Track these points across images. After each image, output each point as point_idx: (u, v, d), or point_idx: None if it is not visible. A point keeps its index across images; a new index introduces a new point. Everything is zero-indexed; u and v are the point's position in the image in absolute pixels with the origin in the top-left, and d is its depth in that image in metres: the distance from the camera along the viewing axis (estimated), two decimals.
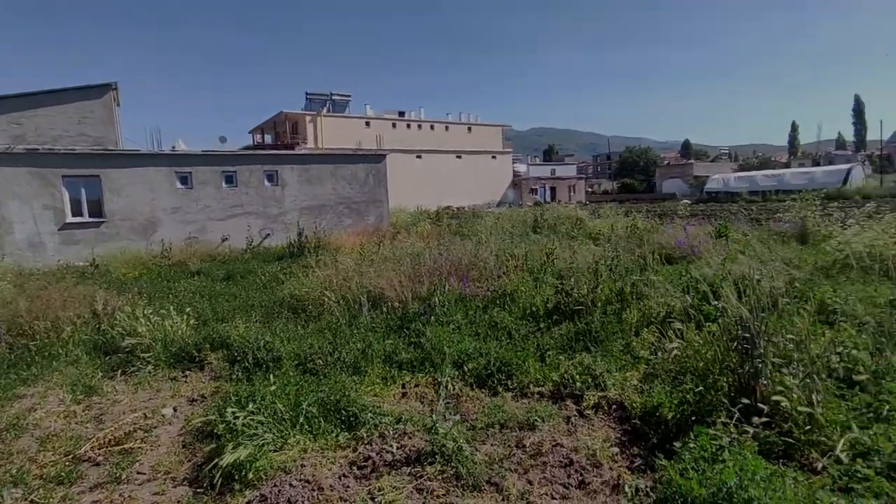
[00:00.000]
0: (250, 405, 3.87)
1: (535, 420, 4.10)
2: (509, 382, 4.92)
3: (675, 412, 3.81)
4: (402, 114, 54.53)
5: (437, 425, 3.64)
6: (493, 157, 59.46)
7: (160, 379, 5.64)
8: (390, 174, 23.39)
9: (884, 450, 2.99)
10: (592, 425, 4.14)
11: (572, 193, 61.97)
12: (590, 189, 72.96)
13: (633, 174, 73.04)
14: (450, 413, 3.84)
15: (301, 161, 20.81)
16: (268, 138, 53.28)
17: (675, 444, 3.35)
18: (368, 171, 22.03)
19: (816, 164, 67.24)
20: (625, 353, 5.29)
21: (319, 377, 4.92)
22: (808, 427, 3.37)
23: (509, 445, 3.83)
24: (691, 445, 3.16)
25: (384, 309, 6.91)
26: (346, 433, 4.03)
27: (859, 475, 2.87)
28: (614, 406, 4.39)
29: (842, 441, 3.14)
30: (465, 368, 5.15)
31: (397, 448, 3.81)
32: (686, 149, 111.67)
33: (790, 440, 3.32)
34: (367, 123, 50.62)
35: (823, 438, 3.28)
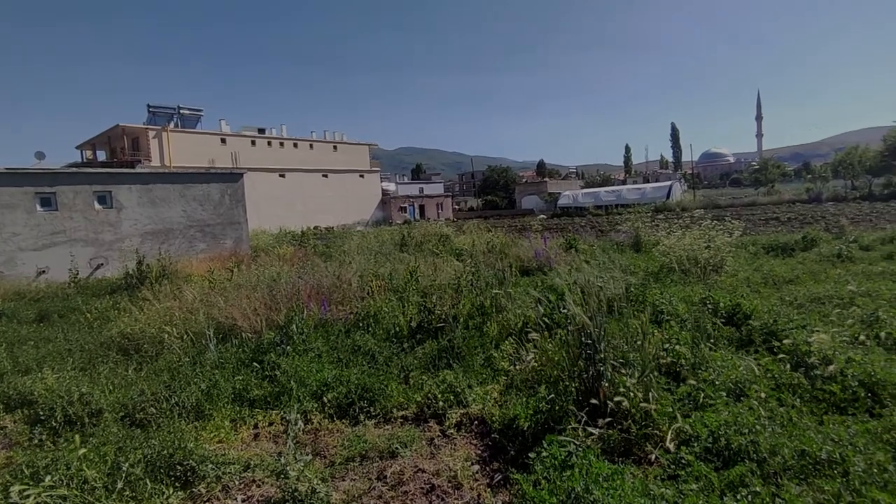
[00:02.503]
0: (49, 478, 3.16)
1: (397, 447, 3.94)
2: (371, 409, 4.72)
3: (531, 422, 3.92)
4: (262, 131, 51.75)
5: (288, 468, 3.31)
6: (361, 175, 59.06)
7: None
8: (251, 194, 21.93)
9: (701, 435, 3.35)
10: (454, 445, 4.10)
11: (440, 211, 63.87)
12: (457, 206, 75.90)
13: (495, 192, 77.53)
14: (302, 452, 3.52)
15: (142, 180, 18.51)
16: (101, 155, 46.86)
17: (530, 455, 3.43)
18: (224, 190, 20.37)
19: (646, 181, 77.92)
20: (486, 367, 5.40)
21: (150, 429, 4.24)
22: (644, 422, 3.68)
23: (370, 478, 3.62)
24: (543, 455, 3.25)
25: (235, 341, 6.28)
26: (181, 492, 3.49)
27: (683, 461, 3.18)
28: (476, 422, 4.41)
29: (669, 432, 3.47)
30: (325, 399, 4.84)
31: (242, 501, 3.39)
32: (541, 168, 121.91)
33: (630, 436, 3.60)
34: (223, 140, 47.10)
35: (656, 431, 3.59)
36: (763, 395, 3.86)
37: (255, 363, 5.60)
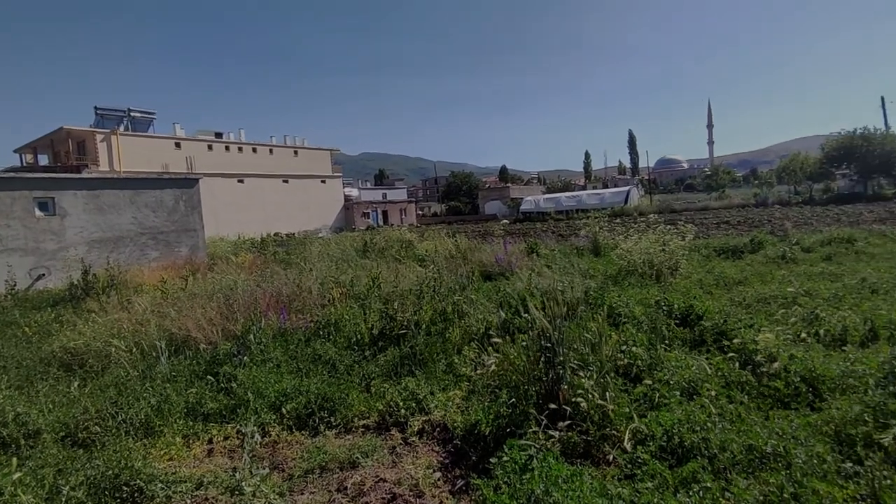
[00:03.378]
0: None
1: (358, 457, 3.88)
2: (332, 419, 4.63)
3: (492, 426, 3.93)
4: (219, 135, 50.27)
5: (243, 483, 3.20)
6: (323, 181, 58.25)
7: None
8: (208, 200, 21.26)
9: (656, 434, 3.44)
10: (416, 452, 4.06)
11: (404, 216, 63.69)
12: (420, 212, 75.89)
13: (458, 197, 77.97)
14: (259, 466, 3.41)
15: (89, 186, 17.64)
16: (43, 159, 44.44)
17: (491, 460, 3.43)
18: (178, 196, 19.66)
19: (606, 186, 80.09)
20: (448, 373, 5.39)
21: (94, 449, 4.02)
22: (602, 423, 3.75)
23: (329, 490, 3.54)
24: (504, 459, 3.26)
25: (189, 353, 6.05)
26: None
27: (640, 461, 3.25)
28: (438, 428, 4.39)
29: (626, 432, 3.55)
30: (284, 410, 4.71)
31: None
32: (504, 173, 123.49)
33: (589, 438, 3.65)
34: (178, 145, 45.49)
35: (614, 432, 3.67)
36: (714, 393, 4.00)
37: (210, 375, 5.40)
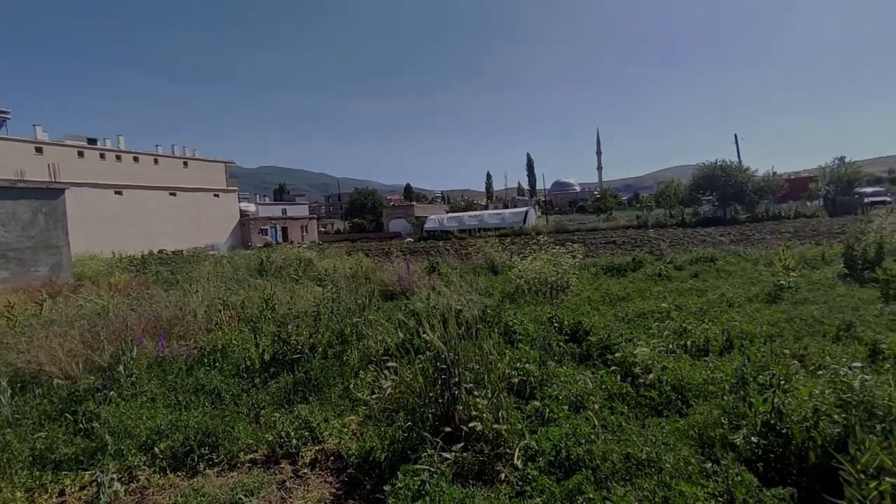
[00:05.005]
0: None
1: (241, 497, 3.58)
2: (214, 456, 4.25)
3: (388, 452, 3.84)
4: (92, 141, 45.36)
5: None
6: (217, 195, 54.73)
7: None
8: (77, 214, 18.96)
9: (545, 450, 3.56)
10: (308, 485, 3.85)
11: (305, 233, 61.59)
12: (323, 229, 73.88)
13: (363, 214, 77.04)
14: None
15: None
16: None
17: (385, 487, 3.34)
18: (37, 209, 17.30)
19: (506, 206, 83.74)
20: (344, 398, 5.20)
21: None
22: (496, 442, 3.80)
23: None
24: (398, 486, 3.19)
25: (40, 391, 5.25)
26: None
27: (530, 477, 3.33)
28: (332, 458, 4.20)
29: (517, 449, 3.63)
30: (157, 450, 4.24)
31: None
32: (408, 192, 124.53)
33: (483, 458, 3.69)
34: (39, 149, 40.21)
35: (507, 450, 3.74)
36: (598, 405, 4.25)
37: (66, 415, 4.73)
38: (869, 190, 47.41)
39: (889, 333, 5.70)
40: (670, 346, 5.89)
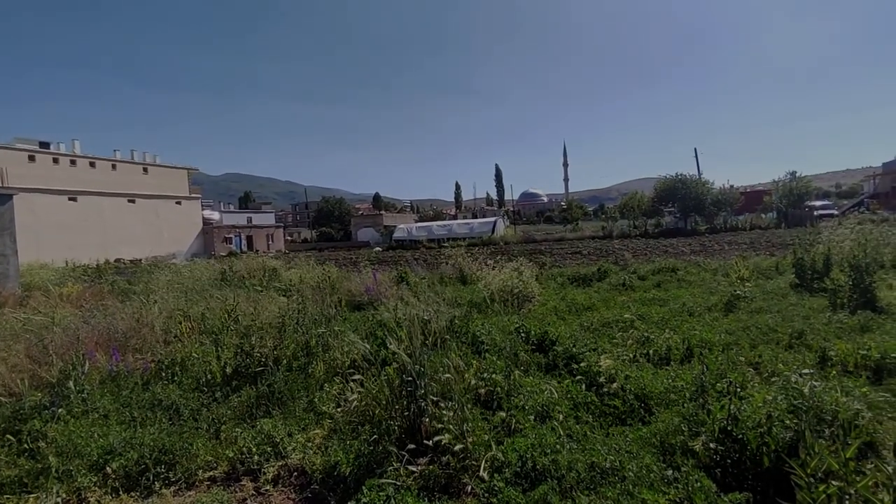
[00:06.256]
0: None
1: None
2: (171, 474, 4.08)
3: (353, 466, 3.77)
4: (45, 145, 43.39)
5: None
6: (179, 202, 53.15)
7: None
8: (27, 220, 18.09)
9: (511, 461, 3.57)
10: (270, 503, 3.74)
11: (271, 242, 60.42)
12: (290, 238, 72.63)
13: (330, 223, 76.08)
14: None
15: None
16: None
17: (350, 502, 3.28)
18: None
19: (475, 216, 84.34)
20: (309, 411, 5.09)
21: None
22: (463, 454, 3.78)
23: None
24: (364, 501, 3.14)
25: None
26: None
27: (496, 489, 3.33)
28: (295, 473, 4.10)
29: (483, 461, 3.62)
30: (109, 469, 4.05)
31: None
32: (377, 201, 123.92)
33: (449, 470, 3.66)
34: None
35: (473, 462, 3.73)
36: (563, 415, 4.29)
37: (9, 435, 4.47)
38: (818, 203, 49.92)
39: (836, 341, 5.98)
40: (634, 355, 6.02)
